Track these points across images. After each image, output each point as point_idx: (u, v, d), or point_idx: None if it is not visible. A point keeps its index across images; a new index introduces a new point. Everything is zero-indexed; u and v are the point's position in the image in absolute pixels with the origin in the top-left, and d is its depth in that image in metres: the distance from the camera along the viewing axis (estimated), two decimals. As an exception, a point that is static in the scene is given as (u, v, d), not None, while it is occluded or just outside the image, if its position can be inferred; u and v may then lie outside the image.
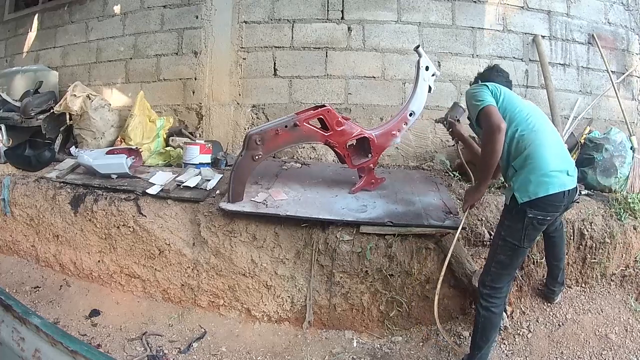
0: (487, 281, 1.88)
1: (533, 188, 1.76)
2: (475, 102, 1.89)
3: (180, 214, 2.59)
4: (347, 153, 2.58)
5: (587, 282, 2.52)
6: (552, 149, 1.83)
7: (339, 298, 2.39)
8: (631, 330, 2.30)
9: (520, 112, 1.90)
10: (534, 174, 1.78)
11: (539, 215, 1.78)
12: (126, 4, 3.99)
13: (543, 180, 1.76)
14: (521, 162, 1.82)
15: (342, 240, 2.35)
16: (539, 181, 1.76)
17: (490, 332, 1.91)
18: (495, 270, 1.87)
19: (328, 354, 2.26)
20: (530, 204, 1.76)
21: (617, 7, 3.80)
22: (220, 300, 2.53)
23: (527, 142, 1.82)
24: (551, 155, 1.80)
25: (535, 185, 1.76)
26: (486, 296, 1.88)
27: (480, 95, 1.90)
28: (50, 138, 3.54)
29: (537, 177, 1.77)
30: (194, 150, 3.03)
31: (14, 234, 2.99)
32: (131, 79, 3.96)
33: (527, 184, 1.77)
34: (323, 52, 3.53)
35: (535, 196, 1.75)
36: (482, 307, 1.89)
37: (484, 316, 1.88)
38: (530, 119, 1.89)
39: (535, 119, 1.90)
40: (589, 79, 3.71)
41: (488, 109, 1.84)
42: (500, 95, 1.94)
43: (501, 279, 1.87)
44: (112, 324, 2.44)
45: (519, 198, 1.78)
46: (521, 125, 1.87)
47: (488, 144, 1.83)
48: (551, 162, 1.79)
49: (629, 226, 2.53)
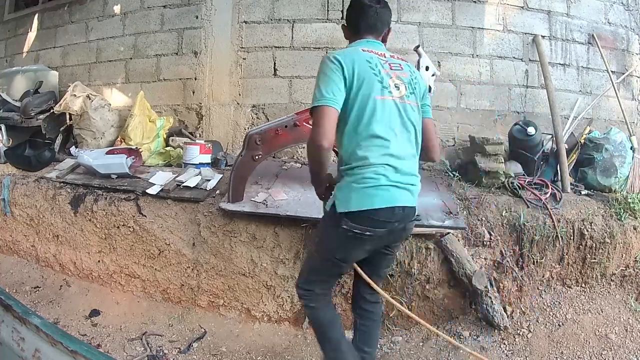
0: (300, 282, 1.77)
1: (355, 199, 1.50)
2: (316, 89, 1.48)
3: (180, 213, 2.59)
4: (347, 153, 2.57)
5: (587, 282, 2.52)
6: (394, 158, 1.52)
7: (339, 298, 2.39)
8: (631, 330, 2.31)
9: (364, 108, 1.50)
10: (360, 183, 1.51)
11: (356, 229, 1.51)
12: (126, 4, 3.98)
13: (367, 191, 1.50)
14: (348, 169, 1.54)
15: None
16: (361, 192, 1.50)
17: (319, 327, 1.73)
18: (305, 268, 1.83)
19: (328, 354, 2.26)
20: (347, 215, 1.50)
21: (617, 7, 3.79)
22: (220, 300, 2.53)
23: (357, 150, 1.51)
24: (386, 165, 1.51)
25: (357, 196, 1.50)
26: (304, 295, 1.74)
27: (324, 81, 1.47)
28: (50, 138, 3.54)
29: (363, 188, 1.50)
30: (194, 150, 3.02)
31: (14, 234, 2.99)
32: (131, 79, 3.96)
33: (349, 193, 1.52)
34: (323, 52, 3.53)
35: (355, 208, 1.49)
36: (303, 305, 1.81)
37: (307, 313, 1.80)
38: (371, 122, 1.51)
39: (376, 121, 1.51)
40: (589, 79, 3.71)
41: (320, 112, 1.43)
42: (354, 78, 1.49)
43: (311, 284, 1.72)
44: (112, 324, 2.44)
45: (337, 207, 1.53)
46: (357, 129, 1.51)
47: (309, 154, 1.52)
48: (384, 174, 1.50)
49: (629, 226, 2.53)
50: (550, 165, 3.05)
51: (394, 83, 1.57)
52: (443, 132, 3.47)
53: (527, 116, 3.47)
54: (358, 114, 1.50)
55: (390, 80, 1.56)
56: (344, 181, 1.53)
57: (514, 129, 3.00)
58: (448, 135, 3.48)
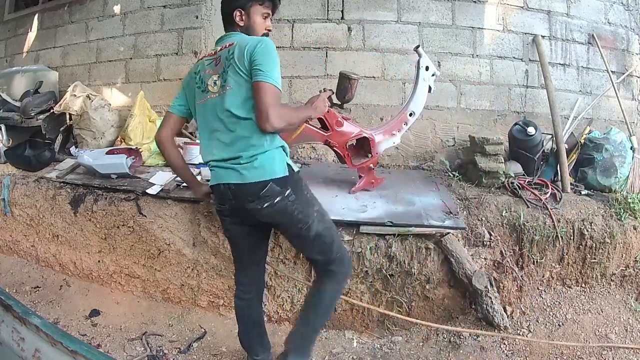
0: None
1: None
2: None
3: (180, 214, 2.59)
4: (347, 153, 2.58)
5: (587, 282, 2.52)
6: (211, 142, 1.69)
7: (339, 298, 2.39)
8: (631, 330, 2.31)
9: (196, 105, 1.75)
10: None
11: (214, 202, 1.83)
12: (126, 4, 3.98)
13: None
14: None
15: (342, 240, 2.34)
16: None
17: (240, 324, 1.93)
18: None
19: (328, 354, 2.27)
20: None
21: (617, 7, 3.79)
22: (220, 300, 2.53)
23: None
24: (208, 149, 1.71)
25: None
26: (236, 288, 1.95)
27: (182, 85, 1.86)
28: (50, 138, 3.53)
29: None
30: (194, 150, 3.02)
31: (14, 234, 2.99)
32: (131, 79, 3.96)
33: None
34: (323, 52, 3.53)
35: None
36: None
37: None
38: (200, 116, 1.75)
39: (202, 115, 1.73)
40: (589, 79, 3.71)
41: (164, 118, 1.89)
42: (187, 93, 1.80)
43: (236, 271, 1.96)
44: (112, 324, 2.45)
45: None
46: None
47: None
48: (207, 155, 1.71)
49: (629, 226, 2.53)
50: (550, 165, 3.05)
51: (213, 80, 1.65)
52: (443, 132, 3.48)
53: (527, 116, 3.48)
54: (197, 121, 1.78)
55: (209, 80, 1.66)
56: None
57: (514, 129, 3.00)
58: (448, 135, 3.48)
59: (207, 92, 1.66)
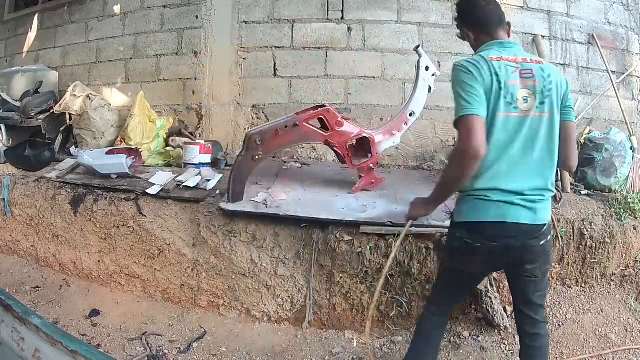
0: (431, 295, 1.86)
1: (466, 209, 1.52)
2: (458, 98, 1.41)
3: (180, 214, 2.59)
4: (347, 153, 2.58)
5: (587, 282, 2.52)
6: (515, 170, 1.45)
7: (339, 298, 2.39)
8: (631, 330, 2.31)
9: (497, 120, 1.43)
10: (474, 194, 1.49)
11: (467, 238, 1.50)
12: (126, 4, 3.98)
13: (478, 202, 1.48)
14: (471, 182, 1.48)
15: (342, 240, 2.34)
16: (473, 203, 1.49)
17: (416, 335, 1.78)
18: (435, 288, 1.84)
19: (328, 354, 2.26)
20: (458, 224, 1.54)
21: (617, 7, 3.79)
22: (220, 300, 2.53)
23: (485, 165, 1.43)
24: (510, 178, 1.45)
25: (468, 207, 1.51)
26: (427, 306, 1.82)
27: (465, 90, 1.39)
28: (50, 138, 3.54)
29: (475, 199, 1.48)
30: (194, 150, 3.03)
31: (14, 234, 2.99)
32: (131, 79, 3.96)
33: (461, 202, 1.54)
34: (323, 52, 3.53)
35: (465, 219, 1.51)
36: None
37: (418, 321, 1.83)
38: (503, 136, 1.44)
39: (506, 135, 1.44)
40: (589, 79, 3.71)
41: (469, 122, 1.34)
42: (492, 84, 1.40)
43: (438, 298, 1.78)
44: (112, 324, 2.45)
45: (454, 216, 1.59)
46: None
47: (456, 167, 1.42)
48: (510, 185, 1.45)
49: (629, 226, 2.53)
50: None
51: (523, 97, 1.43)
52: (443, 132, 3.48)
53: (527, 116, 3.47)
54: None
55: (519, 94, 1.42)
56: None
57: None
58: (448, 135, 3.47)
59: (516, 108, 1.42)
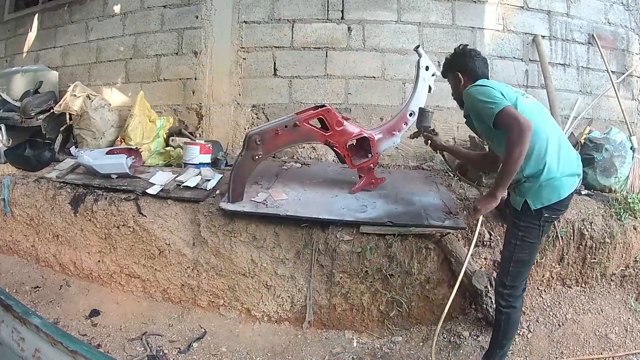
0: (507, 281, 1.89)
1: (546, 194, 1.76)
2: (488, 104, 1.76)
3: (180, 214, 2.59)
4: (347, 153, 2.58)
5: (587, 282, 2.52)
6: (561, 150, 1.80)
7: (339, 298, 2.39)
8: (631, 330, 2.31)
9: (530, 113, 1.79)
10: (547, 177, 1.76)
11: (553, 214, 1.83)
12: (126, 4, 3.99)
13: (555, 185, 1.76)
14: (532, 171, 1.77)
15: (342, 240, 2.35)
16: (551, 187, 1.76)
17: (513, 329, 1.96)
18: (515, 269, 1.88)
19: (328, 354, 2.27)
20: (545, 207, 1.78)
21: (617, 7, 3.79)
22: (220, 300, 2.53)
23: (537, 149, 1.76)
24: (559, 158, 1.78)
25: (548, 192, 1.76)
26: (507, 296, 1.89)
27: (491, 94, 1.78)
28: (50, 138, 3.54)
29: (550, 183, 1.76)
30: (194, 150, 3.03)
31: (14, 234, 2.99)
32: (131, 79, 3.96)
33: (540, 190, 1.77)
34: (323, 52, 3.53)
35: (549, 202, 1.76)
36: (503, 306, 1.90)
37: (506, 314, 1.89)
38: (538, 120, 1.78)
39: (540, 119, 1.82)
40: (589, 79, 3.71)
41: (510, 110, 1.72)
42: (505, 94, 1.82)
43: (520, 276, 1.90)
44: (112, 324, 2.45)
45: (532, 205, 1.77)
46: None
47: (517, 146, 1.68)
48: (561, 166, 1.77)
49: (629, 226, 2.53)
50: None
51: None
52: (443, 132, 3.46)
53: (527, 116, 3.47)
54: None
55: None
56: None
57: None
58: (448, 135, 3.48)
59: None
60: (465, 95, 1.91)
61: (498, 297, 1.93)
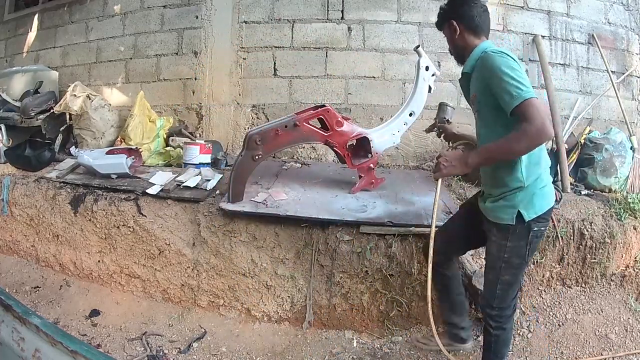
0: (495, 303, 1.73)
1: (539, 202, 1.60)
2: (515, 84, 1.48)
3: (180, 214, 2.59)
4: (347, 153, 2.58)
5: (587, 282, 2.52)
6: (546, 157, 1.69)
7: (339, 298, 2.39)
8: (631, 330, 2.31)
9: None
10: (539, 186, 1.62)
11: (542, 227, 1.65)
12: (126, 4, 3.99)
13: (546, 192, 1.63)
14: (533, 179, 1.61)
15: (342, 240, 2.35)
16: (543, 194, 1.62)
17: (505, 347, 1.82)
18: (502, 291, 1.71)
19: (328, 354, 2.26)
20: (535, 219, 1.60)
21: (617, 7, 3.79)
22: (220, 300, 2.53)
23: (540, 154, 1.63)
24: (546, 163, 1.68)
25: (541, 200, 1.61)
26: (496, 317, 1.74)
27: (521, 75, 1.50)
28: (50, 138, 3.54)
29: (542, 191, 1.62)
30: (194, 150, 3.03)
31: (14, 234, 2.99)
32: (131, 79, 3.96)
33: (534, 199, 1.60)
34: (323, 52, 3.53)
35: (542, 211, 1.60)
36: (493, 327, 1.75)
37: (495, 335, 1.75)
38: None
39: None
40: (589, 79, 3.71)
41: (538, 103, 1.47)
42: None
43: (508, 297, 1.74)
44: (112, 324, 2.45)
45: (526, 215, 1.59)
46: None
47: (525, 143, 1.48)
48: (547, 173, 1.68)
49: (629, 226, 2.53)
50: (550, 165, 3.05)
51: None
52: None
53: (527, 116, 3.47)
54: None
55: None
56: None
57: (514, 129, 2.99)
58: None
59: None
60: (485, 59, 1.59)
61: (486, 318, 1.78)
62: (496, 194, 1.67)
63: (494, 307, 1.73)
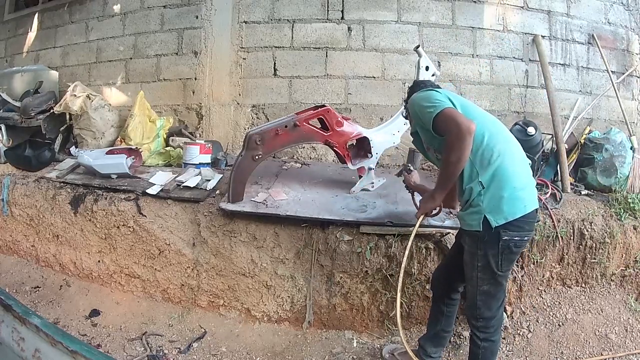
0: (477, 314, 1.71)
1: (509, 207, 1.55)
2: (428, 107, 1.62)
3: (180, 214, 2.59)
4: (347, 153, 2.58)
5: (587, 282, 2.52)
6: (521, 161, 1.66)
7: (339, 298, 2.39)
8: (631, 330, 2.31)
9: (482, 117, 1.68)
10: (506, 189, 1.56)
11: (516, 236, 1.57)
12: (126, 4, 3.99)
13: (518, 196, 1.56)
14: (489, 177, 1.58)
15: (342, 240, 2.35)
16: (514, 199, 1.55)
17: (493, 358, 1.76)
18: (482, 302, 1.68)
19: (328, 354, 2.26)
20: (505, 226, 1.55)
21: (617, 7, 3.79)
22: (220, 300, 2.53)
23: (495, 152, 1.59)
24: (521, 167, 1.64)
25: (511, 205, 1.55)
26: (482, 328, 1.71)
27: (432, 98, 1.65)
28: (50, 138, 3.54)
29: (512, 195, 1.56)
30: (194, 150, 3.03)
31: (14, 234, 2.99)
32: (131, 79, 3.96)
33: (501, 203, 1.55)
34: (323, 52, 3.53)
35: (513, 217, 1.55)
36: (480, 339, 1.71)
37: (484, 347, 1.71)
38: (494, 127, 1.67)
39: (498, 128, 1.69)
40: (589, 79, 3.71)
41: (449, 111, 1.58)
42: (453, 99, 1.67)
43: (492, 308, 1.70)
44: (112, 324, 2.45)
45: (492, 221, 1.55)
46: (486, 132, 1.62)
47: (455, 150, 1.54)
48: (522, 175, 1.62)
49: (629, 226, 2.53)
50: (550, 165, 3.05)
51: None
52: (443, 132, 3.48)
53: (527, 116, 3.48)
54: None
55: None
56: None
57: (514, 129, 3.00)
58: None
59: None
60: (409, 104, 1.79)
61: (473, 329, 1.75)
62: (464, 202, 1.68)
63: (477, 318, 1.72)
